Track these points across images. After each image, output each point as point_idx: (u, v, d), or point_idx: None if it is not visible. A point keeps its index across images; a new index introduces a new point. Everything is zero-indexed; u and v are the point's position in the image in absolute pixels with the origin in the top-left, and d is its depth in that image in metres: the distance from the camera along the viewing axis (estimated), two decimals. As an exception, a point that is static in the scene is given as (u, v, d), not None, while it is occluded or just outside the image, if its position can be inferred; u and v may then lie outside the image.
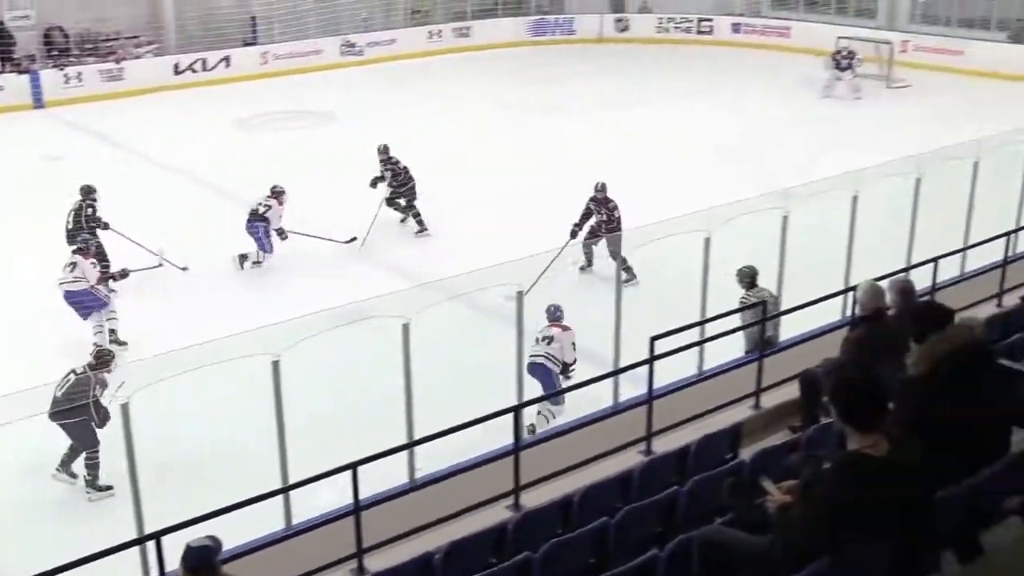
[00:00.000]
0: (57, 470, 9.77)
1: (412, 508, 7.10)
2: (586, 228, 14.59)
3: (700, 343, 9.36)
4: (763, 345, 8.91)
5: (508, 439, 7.10)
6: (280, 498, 7.10)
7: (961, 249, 11.37)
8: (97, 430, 9.43)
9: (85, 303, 12.61)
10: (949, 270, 10.84)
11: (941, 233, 12.10)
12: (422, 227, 16.42)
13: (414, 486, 7.57)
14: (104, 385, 9.53)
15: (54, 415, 9.28)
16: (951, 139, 17.03)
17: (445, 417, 6.91)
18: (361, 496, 6.39)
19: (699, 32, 33.49)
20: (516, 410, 7.08)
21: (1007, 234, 10.84)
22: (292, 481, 7.00)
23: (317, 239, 15.40)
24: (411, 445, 7.47)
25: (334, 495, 6.98)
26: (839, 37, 27.90)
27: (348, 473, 6.29)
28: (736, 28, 33.22)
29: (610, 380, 8.83)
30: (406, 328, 7.86)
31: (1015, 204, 12.56)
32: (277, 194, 15.18)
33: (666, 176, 18.77)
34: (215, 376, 7.52)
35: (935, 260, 9.98)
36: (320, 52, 29.89)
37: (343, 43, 30.45)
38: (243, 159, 20.43)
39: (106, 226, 14.28)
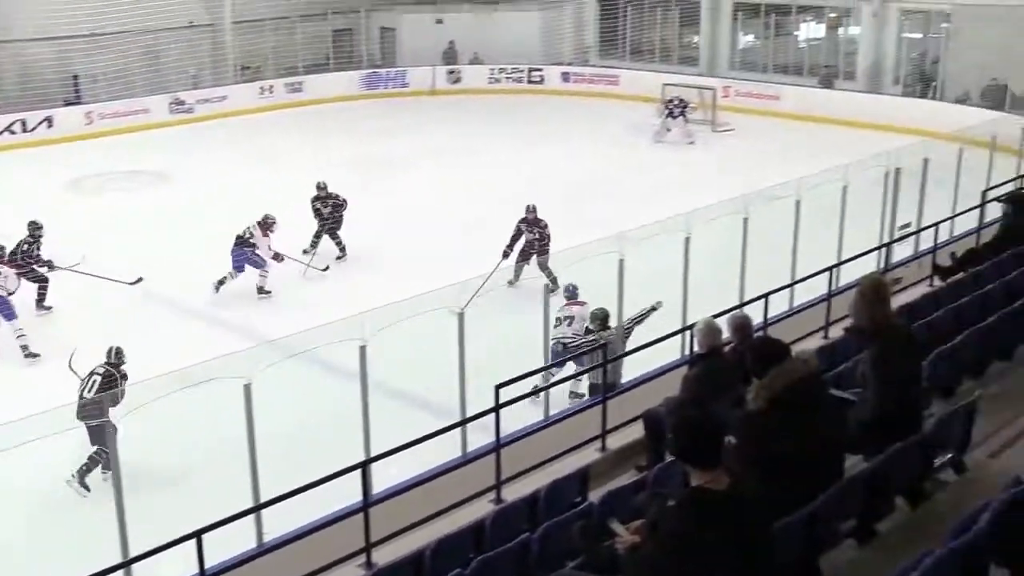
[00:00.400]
0: (72, 477, 10.13)
1: (262, 573, 6.92)
2: (516, 248, 15.95)
3: (545, 388, 9.47)
4: (605, 387, 9.07)
5: (359, 495, 7.01)
6: (121, 572, 6.82)
7: (788, 285, 11.84)
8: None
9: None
10: (779, 305, 11.28)
11: (770, 270, 12.59)
12: (343, 253, 17.64)
13: (262, 550, 7.39)
14: (125, 378, 10.48)
15: (84, 415, 9.87)
16: (773, 179, 17.75)
17: (293, 477, 6.78)
18: (207, 565, 6.20)
19: (530, 82, 34.14)
20: (363, 466, 7.01)
21: (829, 269, 11.34)
22: (133, 554, 6.74)
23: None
24: (257, 509, 7.29)
25: (180, 566, 6.75)
26: (665, 84, 28.90)
27: (193, 542, 6.10)
28: (566, 77, 34.01)
29: (458, 430, 8.83)
30: (247, 388, 7.70)
31: (835, 239, 13.16)
32: (267, 224, 15.95)
33: (505, 225, 18.96)
34: (45, 448, 7.21)
35: (765, 296, 10.37)
36: (148, 111, 29.17)
37: (172, 101, 29.83)
38: (71, 222, 19.68)
39: (49, 265, 15.27)
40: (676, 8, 34.00)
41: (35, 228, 15.44)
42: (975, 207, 13.74)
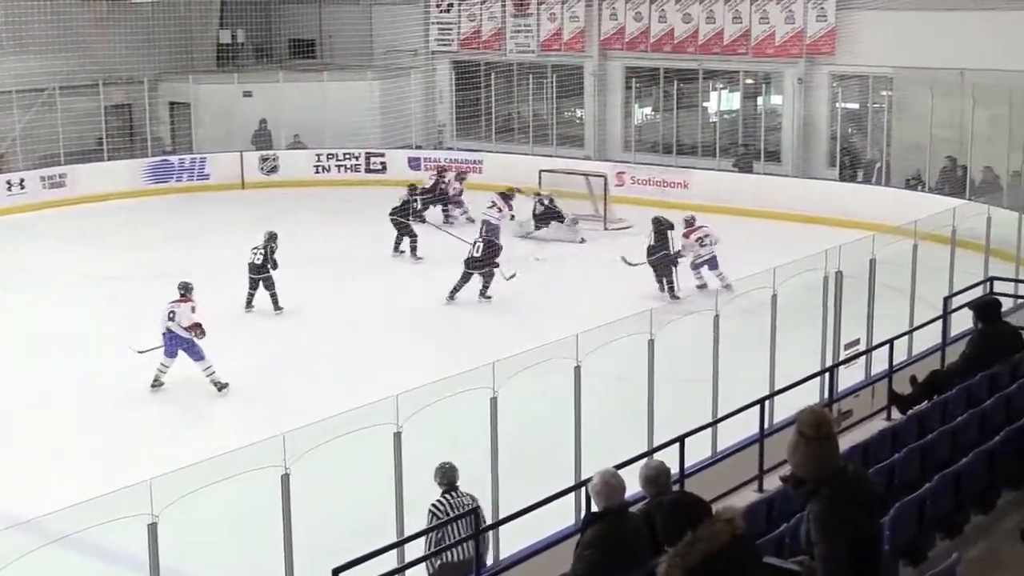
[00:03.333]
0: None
1: None
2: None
3: None
4: (478, 567, 8.96)
5: None
6: None
7: (710, 424, 11.97)
8: None
9: None
10: (699, 450, 11.37)
11: (686, 405, 12.74)
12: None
13: None
14: None
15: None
16: (685, 288, 18.11)
17: None
18: None
19: (369, 170, 34.41)
20: None
21: (760, 401, 11.50)
22: None
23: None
24: None
25: None
26: (542, 170, 29.40)
27: None
28: (414, 163, 34.38)
29: None
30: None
31: (765, 363, 13.41)
32: (510, 195, 26.50)
33: (343, 356, 18.88)
34: None
35: (681, 439, 10.44)
36: None
37: None
38: None
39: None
40: (553, 75, 34.83)
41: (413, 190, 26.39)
42: (937, 318, 14.20)
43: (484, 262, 22.46)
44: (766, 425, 11.41)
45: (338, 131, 34.61)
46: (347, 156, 34.62)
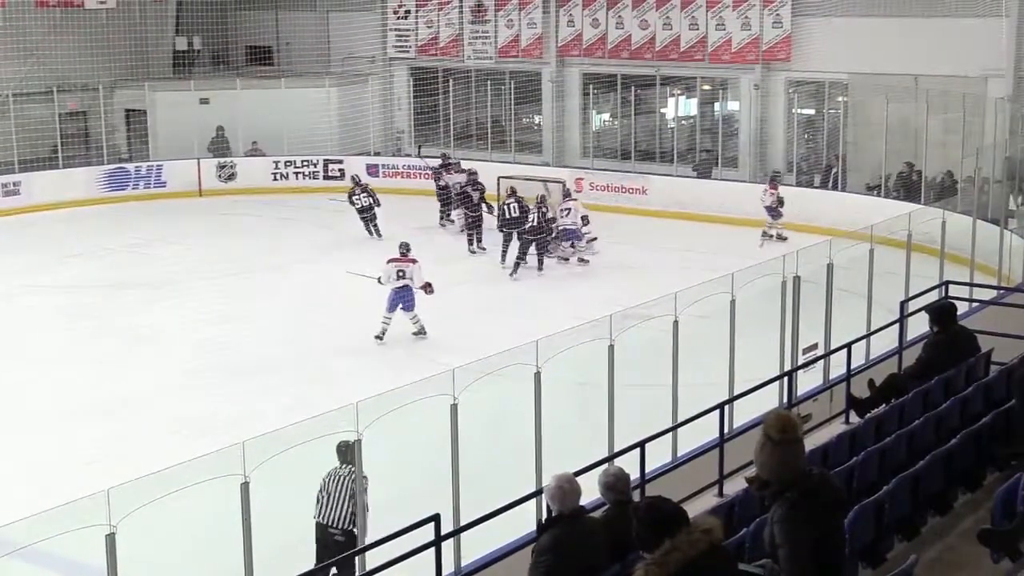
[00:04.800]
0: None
1: None
2: None
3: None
4: None
5: None
6: None
7: (670, 428, 11.99)
8: None
9: None
10: (659, 455, 11.39)
11: (645, 410, 12.75)
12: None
13: None
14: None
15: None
16: (644, 293, 18.11)
17: None
18: None
19: (328, 177, 34.31)
20: None
21: (720, 406, 11.53)
22: None
23: None
24: None
25: None
26: (500, 177, 29.38)
27: None
28: (373, 170, 34.32)
29: None
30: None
31: (724, 368, 13.46)
32: None
33: (307, 376, 18.81)
34: None
35: (641, 444, 10.45)
36: None
37: None
38: None
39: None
40: (511, 82, 34.88)
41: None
42: (893, 322, 14.29)
43: (517, 223, 24.64)
44: (726, 430, 11.44)
45: (296, 138, 34.46)
46: (305, 163, 34.54)
